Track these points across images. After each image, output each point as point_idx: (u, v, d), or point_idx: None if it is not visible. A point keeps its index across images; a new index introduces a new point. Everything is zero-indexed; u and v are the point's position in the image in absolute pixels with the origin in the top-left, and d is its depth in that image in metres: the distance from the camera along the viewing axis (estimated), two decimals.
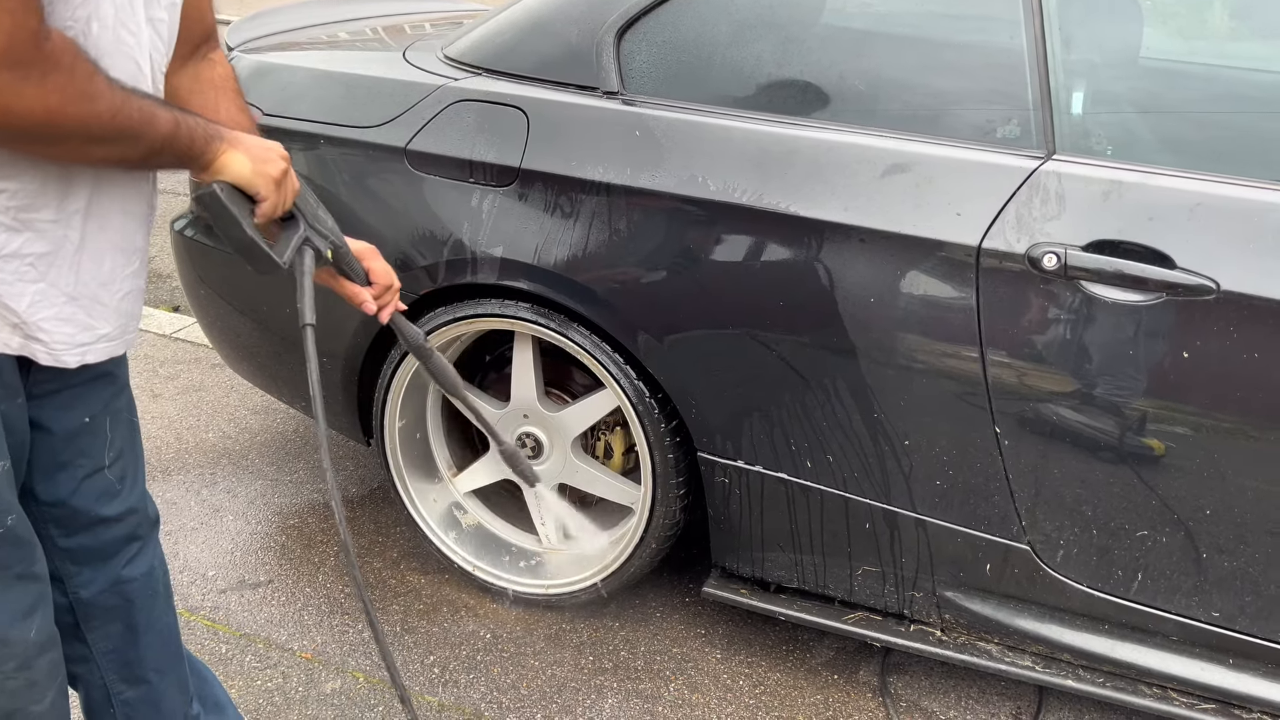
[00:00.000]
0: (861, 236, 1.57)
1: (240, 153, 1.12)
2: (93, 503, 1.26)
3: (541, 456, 1.99)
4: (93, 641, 1.33)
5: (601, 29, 1.78)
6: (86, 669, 1.34)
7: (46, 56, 0.90)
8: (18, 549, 1.13)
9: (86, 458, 1.24)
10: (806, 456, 1.71)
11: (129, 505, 1.31)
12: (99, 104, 0.95)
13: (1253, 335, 1.41)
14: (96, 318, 1.12)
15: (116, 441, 1.28)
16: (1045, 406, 1.53)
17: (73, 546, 1.27)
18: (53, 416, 1.18)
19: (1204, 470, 1.48)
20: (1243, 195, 1.44)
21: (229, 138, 1.11)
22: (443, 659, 1.90)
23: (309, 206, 1.26)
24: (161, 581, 1.39)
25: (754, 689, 1.85)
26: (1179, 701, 1.63)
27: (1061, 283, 1.47)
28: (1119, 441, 1.51)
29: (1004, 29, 1.58)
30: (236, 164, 1.11)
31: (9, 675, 1.15)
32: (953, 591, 1.71)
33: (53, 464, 1.21)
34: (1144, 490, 1.53)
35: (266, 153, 1.15)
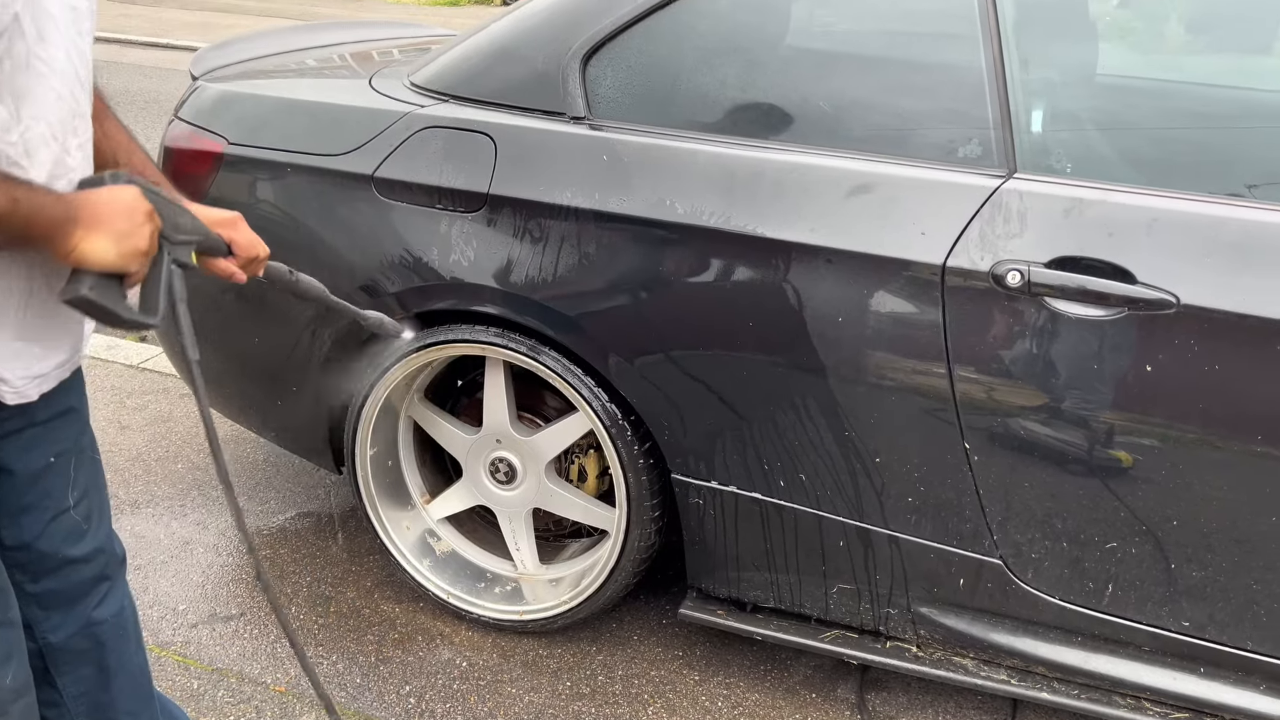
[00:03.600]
0: (828, 257, 1.59)
1: (100, 235, 1.01)
2: (60, 544, 1.24)
3: (515, 481, 1.99)
4: (63, 686, 1.31)
5: (567, 55, 1.79)
6: (57, 713, 1.32)
7: None
8: None
9: (51, 499, 1.22)
10: (779, 476, 1.72)
11: (96, 545, 1.29)
12: None
13: (1213, 347, 1.43)
14: (50, 348, 1.11)
15: (81, 480, 1.26)
16: (1013, 421, 1.55)
17: (41, 591, 1.25)
18: (15, 457, 1.16)
19: (1170, 481, 1.50)
20: (1200, 210, 1.47)
21: (85, 218, 1.01)
22: (418, 688, 1.88)
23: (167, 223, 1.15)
24: (131, 621, 1.38)
25: (732, 710, 1.84)
26: (1153, 711, 1.64)
27: (1026, 299, 1.49)
28: (1087, 455, 1.53)
29: (963, 50, 1.60)
30: (99, 251, 1.01)
31: None
32: (927, 607, 1.72)
33: (17, 507, 1.19)
34: (1112, 502, 1.55)
35: (128, 223, 1.04)
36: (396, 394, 2.01)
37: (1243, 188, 1.52)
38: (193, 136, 2.05)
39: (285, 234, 1.92)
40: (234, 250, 1.26)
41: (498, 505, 2.03)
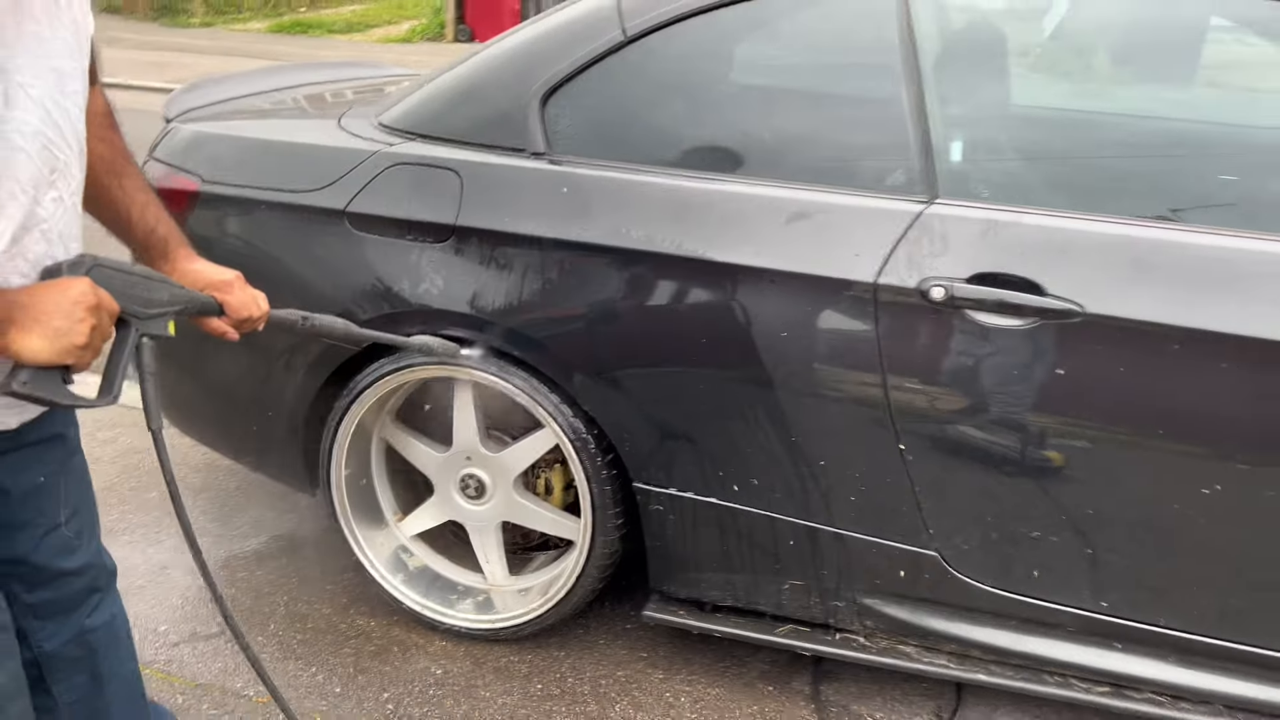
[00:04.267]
0: (772, 278, 1.74)
1: (34, 335, 1.05)
2: (53, 558, 1.33)
3: (485, 496, 2.10)
4: (58, 693, 1.39)
5: (527, 95, 1.93)
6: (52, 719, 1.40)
7: None
8: None
9: (44, 516, 1.31)
10: (733, 481, 1.85)
11: (87, 559, 1.38)
12: None
13: (1116, 352, 1.60)
14: None
15: (71, 499, 1.35)
16: (943, 424, 1.70)
17: (36, 601, 1.33)
18: (8, 477, 1.25)
19: (1084, 474, 1.66)
20: (1102, 230, 1.64)
21: (19, 318, 1.05)
22: (396, 695, 1.97)
23: (136, 299, 1.21)
24: (123, 630, 1.46)
25: (694, 704, 1.96)
26: (1078, 686, 1.79)
27: (949, 312, 1.65)
28: (1010, 452, 1.69)
29: (887, 88, 1.76)
30: (33, 348, 1.05)
31: None
32: (872, 599, 1.86)
33: (11, 523, 1.28)
34: (1035, 495, 1.70)
35: (67, 320, 1.07)
36: (369, 416, 2.11)
37: (1140, 209, 1.70)
38: (169, 176, 2.15)
39: (259, 267, 2.01)
40: (226, 311, 1.36)
41: (469, 520, 2.13)
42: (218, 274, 1.37)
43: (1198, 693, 1.74)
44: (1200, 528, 1.64)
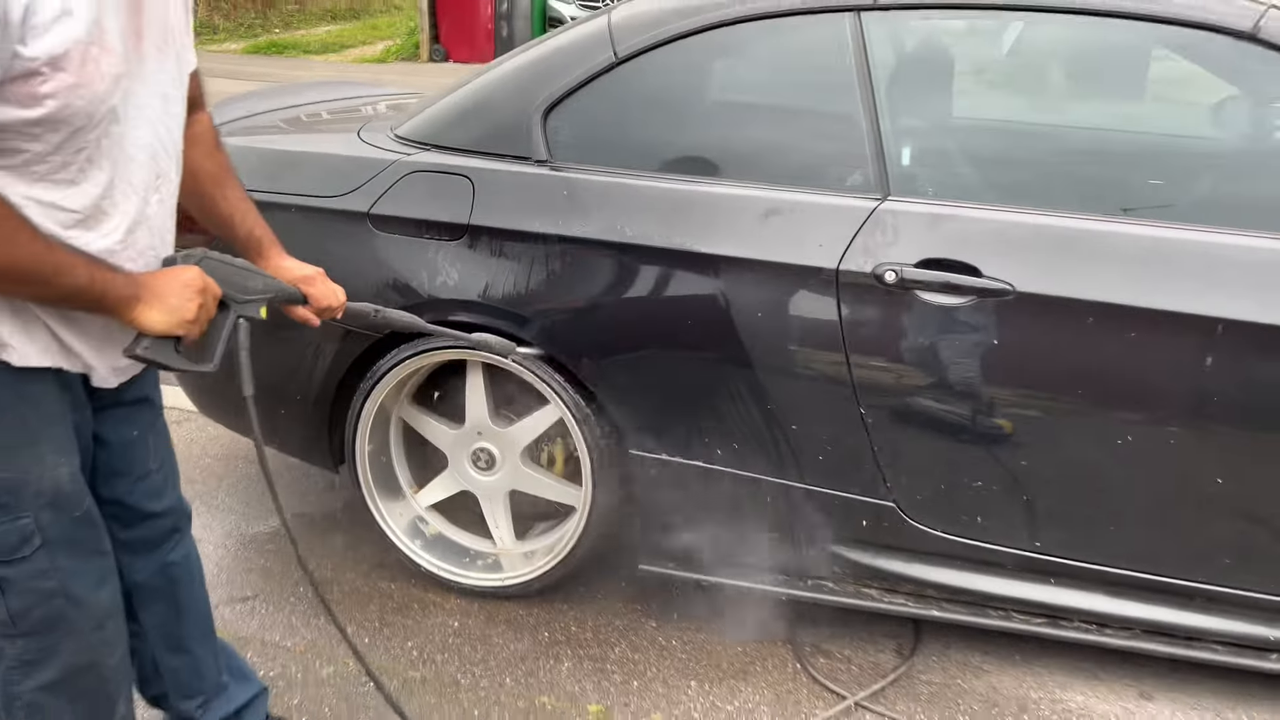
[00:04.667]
0: (749, 266, 2.01)
1: (155, 309, 1.29)
2: (144, 500, 1.56)
3: (495, 468, 2.34)
4: (144, 619, 1.62)
5: (531, 109, 2.19)
6: (138, 643, 1.62)
7: None
8: (93, 529, 1.43)
9: (138, 464, 1.55)
10: (717, 446, 2.11)
11: (170, 503, 1.62)
12: (16, 250, 1.18)
13: (1043, 324, 1.89)
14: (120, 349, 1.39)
15: (158, 452, 1.59)
16: (898, 390, 1.97)
17: (129, 539, 1.56)
18: (111, 430, 1.49)
19: (1019, 431, 1.94)
20: (1030, 220, 1.93)
21: (145, 295, 1.29)
22: (419, 644, 2.21)
23: (236, 286, 1.45)
24: (196, 566, 1.69)
25: (685, 646, 2.21)
26: (1018, 618, 2.07)
27: (900, 293, 1.92)
28: (955, 413, 1.96)
29: (846, 103, 2.04)
30: (153, 320, 1.30)
31: (88, 632, 1.44)
32: (838, 546, 2.12)
33: (111, 471, 1.51)
34: (978, 450, 1.98)
35: (180, 299, 1.31)
36: (389, 398, 2.35)
37: (1062, 203, 1.98)
38: None
39: None
40: (309, 300, 1.61)
41: (480, 489, 2.38)
42: (303, 269, 1.62)
43: (1120, 619, 2.02)
44: (1117, 475, 1.92)
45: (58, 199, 1.24)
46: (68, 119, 1.19)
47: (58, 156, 1.21)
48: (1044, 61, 2.19)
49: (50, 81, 1.14)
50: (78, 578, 1.40)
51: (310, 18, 15.05)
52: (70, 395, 1.37)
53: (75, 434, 1.38)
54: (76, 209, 1.26)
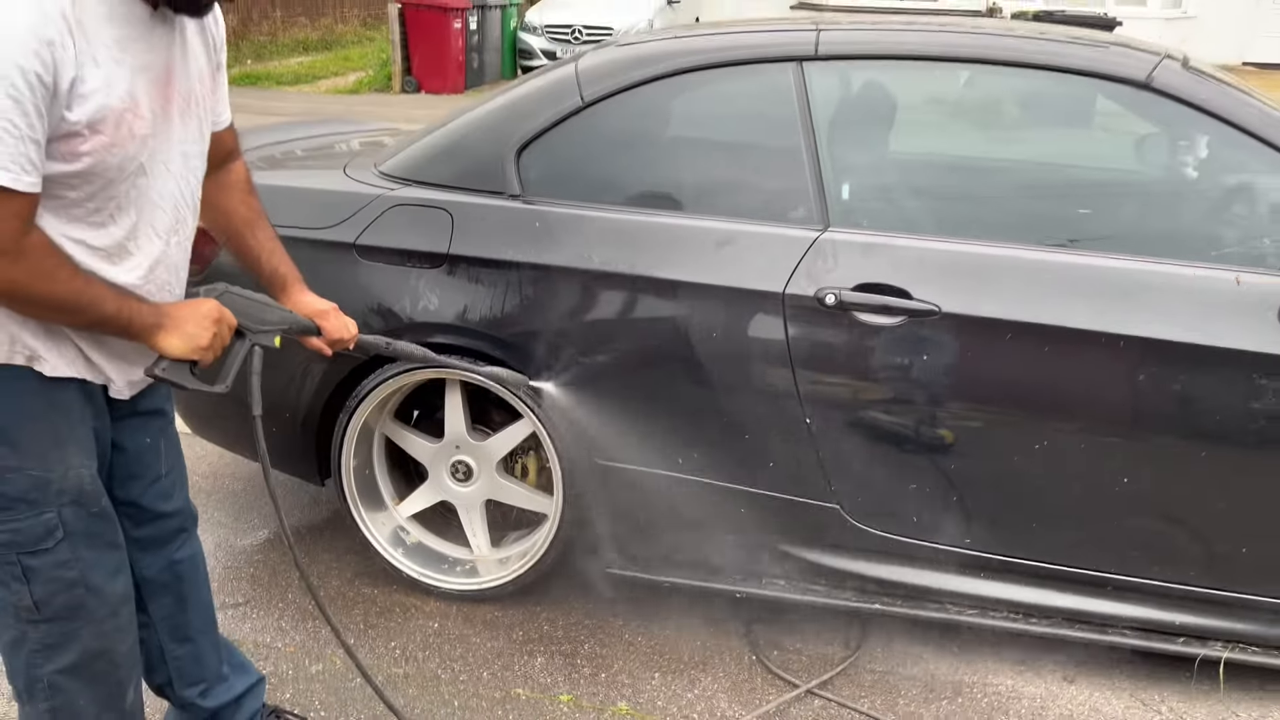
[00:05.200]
0: (705, 290, 2.21)
1: (174, 336, 1.48)
2: (155, 502, 1.73)
3: (472, 479, 2.52)
4: (152, 610, 1.78)
5: (505, 148, 2.39)
6: (147, 633, 1.78)
7: (23, 248, 1.31)
8: (109, 524, 1.59)
9: (150, 469, 1.71)
10: (678, 454, 2.30)
11: (179, 505, 1.78)
12: (56, 287, 1.35)
13: (966, 342, 2.10)
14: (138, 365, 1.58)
15: (169, 458, 1.75)
16: (839, 402, 2.18)
17: (140, 536, 1.72)
18: (128, 437, 1.66)
19: (948, 438, 2.15)
20: (954, 248, 2.15)
21: (167, 324, 1.47)
22: (402, 643, 2.37)
23: (252, 318, 1.63)
24: (201, 564, 1.85)
25: (649, 642, 2.39)
26: (952, 609, 2.27)
27: (839, 314, 2.13)
28: (891, 423, 2.17)
29: (790, 142, 2.26)
30: (172, 345, 1.48)
31: (104, 620, 1.60)
32: (788, 546, 2.31)
33: (127, 474, 1.68)
34: (912, 456, 2.18)
35: (197, 328, 1.50)
36: (373, 415, 2.52)
37: (983, 233, 2.21)
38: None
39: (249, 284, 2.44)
40: (322, 332, 1.79)
41: (458, 500, 2.55)
42: (319, 304, 1.80)
43: (1043, 609, 2.23)
44: (1037, 477, 2.14)
45: (88, 238, 1.42)
46: (101, 172, 1.38)
47: (91, 203, 1.40)
48: (967, 107, 2.43)
49: (88, 141, 1.33)
50: (95, 569, 1.56)
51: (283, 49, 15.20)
52: (92, 405, 1.54)
53: (95, 439, 1.55)
54: (102, 246, 1.44)
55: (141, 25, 1.39)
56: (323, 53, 15.28)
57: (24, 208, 1.30)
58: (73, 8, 1.28)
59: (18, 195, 1.28)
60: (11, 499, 1.46)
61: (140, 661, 1.73)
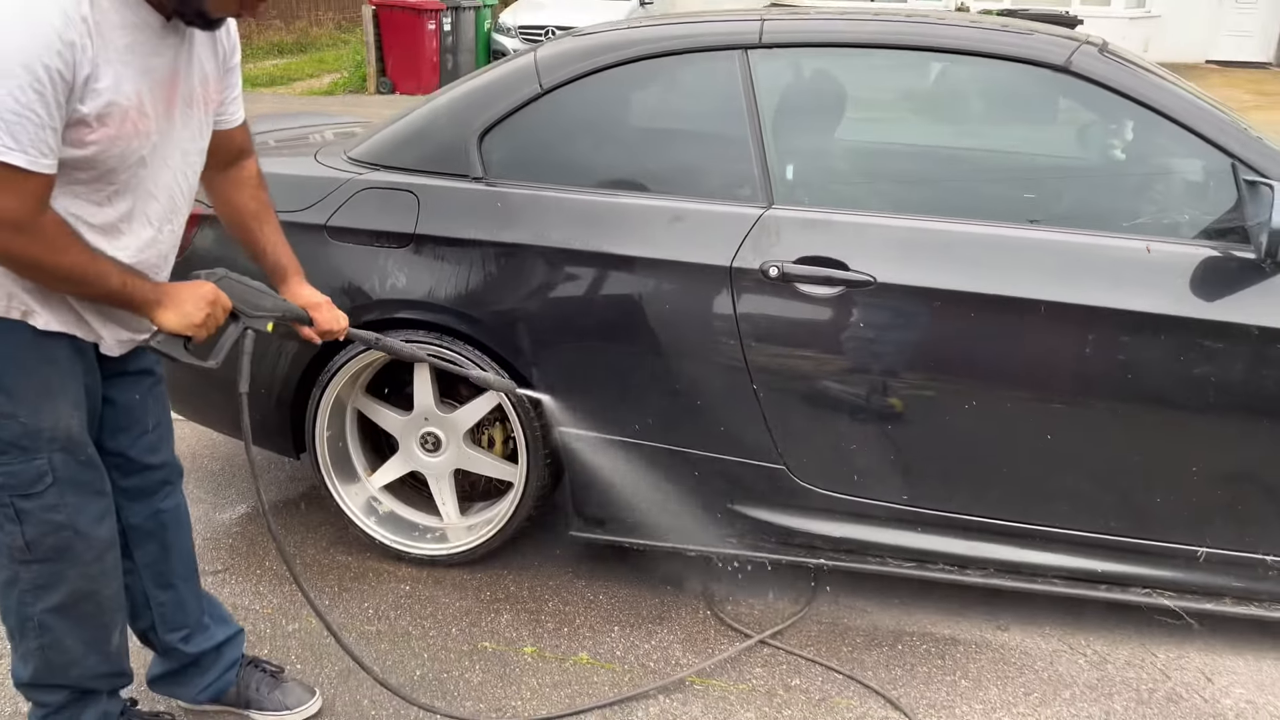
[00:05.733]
0: (658, 265, 2.35)
1: (171, 312, 1.61)
2: (143, 454, 1.85)
3: (440, 450, 2.65)
4: (137, 557, 1.90)
5: (468, 133, 2.52)
6: (132, 579, 1.90)
7: (40, 225, 1.45)
8: (95, 471, 1.72)
9: (138, 423, 1.84)
10: (634, 421, 2.44)
11: (164, 459, 1.90)
12: (65, 259, 1.49)
13: (900, 309, 2.25)
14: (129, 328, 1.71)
15: (156, 413, 1.88)
16: (783, 368, 2.32)
17: (127, 486, 1.84)
18: (118, 393, 1.79)
19: (885, 399, 2.30)
20: (888, 223, 2.30)
21: (165, 301, 1.60)
22: (375, 604, 2.49)
23: (248, 303, 1.76)
24: (184, 515, 1.97)
25: (609, 600, 2.53)
26: (892, 563, 2.41)
27: (782, 284, 2.28)
28: (832, 386, 2.31)
29: (738, 128, 2.40)
30: (168, 320, 1.61)
31: (89, 564, 1.72)
32: (739, 505, 2.45)
33: (116, 427, 1.80)
34: (852, 417, 2.33)
35: (194, 307, 1.63)
36: (345, 390, 2.64)
37: (914, 209, 2.36)
38: None
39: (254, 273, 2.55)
40: (314, 323, 1.92)
41: (428, 470, 2.67)
42: (315, 296, 1.94)
43: (977, 560, 2.38)
44: (968, 435, 2.29)
45: (86, 214, 1.56)
46: (104, 160, 1.52)
47: (94, 185, 1.54)
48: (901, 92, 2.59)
49: (95, 132, 1.47)
50: (82, 513, 1.68)
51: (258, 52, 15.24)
52: (83, 361, 1.67)
53: (86, 394, 1.68)
54: (98, 224, 1.58)
55: (152, 33, 1.53)
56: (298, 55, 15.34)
57: (40, 188, 1.44)
58: (92, 13, 1.42)
59: (36, 176, 1.42)
60: (6, 443, 1.59)
61: (125, 607, 1.85)
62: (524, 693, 2.18)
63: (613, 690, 2.19)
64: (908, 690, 2.21)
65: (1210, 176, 2.32)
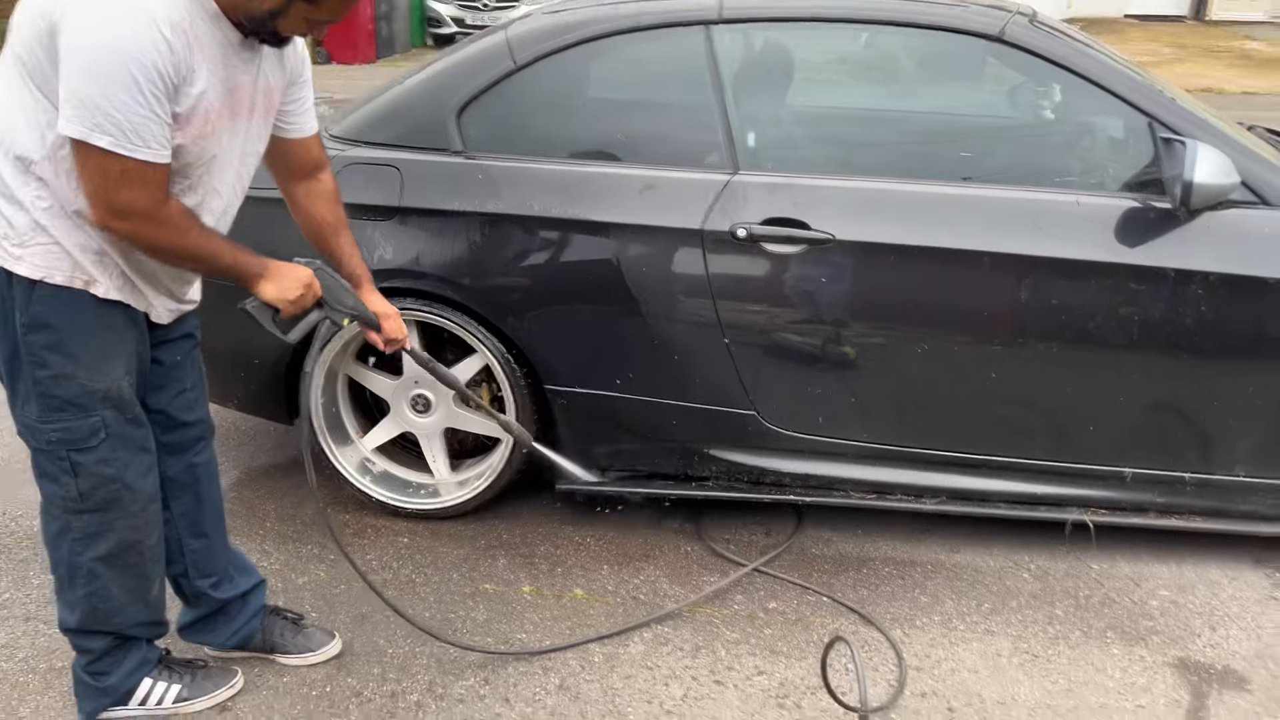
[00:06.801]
0: (633, 230, 2.52)
1: (271, 284, 1.82)
2: (180, 411, 1.99)
3: (431, 410, 2.80)
4: (174, 507, 2.04)
5: (446, 109, 2.66)
6: (168, 528, 2.04)
7: (164, 214, 1.65)
8: (143, 430, 1.87)
9: (178, 382, 1.98)
10: (616, 376, 2.62)
11: (199, 416, 2.05)
12: (187, 241, 1.69)
13: (857, 264, 2.46)
14: (177, 298, 1.88)
15: (192, 375, 2.03)
16: (752, 322, 2.52)
17: (166, 441, 1.99)
18: (162, 354, 1.94)
19: (845, 346, 2.51)
20: (846, 184, 2.51)
21: (268, 274, 1.81)
22: (377, 555, 2.66)
23: (333, 296, 1.96)
24: (215, 469, 2.12)
25: (597, 543, 2.72)
26: (854, 496, 2.65)
27: (749, 244, 2.47)
28: (796, 337, 2.52)
29: (702, 98, 2.57)
30: (266, 291, 1.82)
31: (135, 514, 1.87)
32: (714, 449, 2.66)
33: (157, 386, 1.95)
34: (815, 365, 2.54)
35: (290, 282, 1.83)
36: (337, 357, 2.78)
37: (869, 171, 2.56)
38: None
39: None
40: (382, 330, 2.09)
41: (419, 430, 2.83)
42: (385, 307, 2.10)
43: (931, 489, 2.62)
44: (922, 375, 2.52)
45: None
46: (184, 156, 1.68)
47: (173, 180, 1.69)
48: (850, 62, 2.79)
49: (181, 131, 1.64)
50: (130, 467, 1.83)
51: None
52: (135, 329, 1.81)
53: (137, 359, 1.82)
54: None
55: (231, 47, 1.69)
56: None
57: (164, 178, 1.64)
58: (191, 27, 1.59)
59: (160, 167, 1.61)
60: (65, 401, 1.73)
61: (164, 559, 2.00)
62: (527, 627, 2.38)
63: (609, 621, 2.39)
64: (874, 608, 2.45)
65: (1130, 134, 2.56)
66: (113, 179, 1.58)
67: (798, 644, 2.31)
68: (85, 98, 1.53)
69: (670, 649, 2.30)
